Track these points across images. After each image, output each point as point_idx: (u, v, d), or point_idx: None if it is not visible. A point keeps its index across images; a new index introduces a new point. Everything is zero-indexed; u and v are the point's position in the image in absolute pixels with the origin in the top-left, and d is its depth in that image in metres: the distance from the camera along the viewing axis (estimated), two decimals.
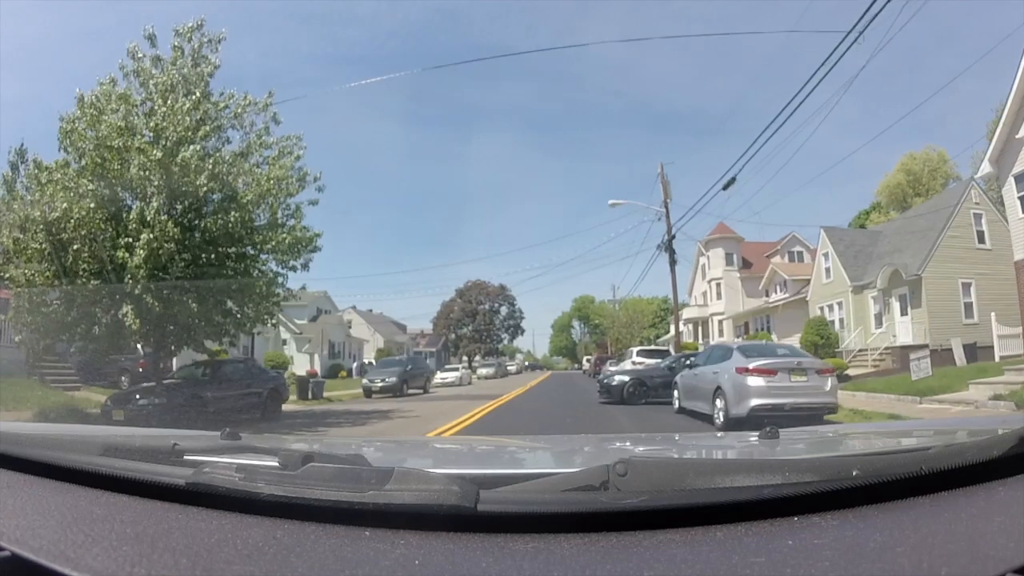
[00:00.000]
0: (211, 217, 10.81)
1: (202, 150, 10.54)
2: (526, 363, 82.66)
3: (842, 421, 8.71)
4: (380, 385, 22.44)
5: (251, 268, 12.01)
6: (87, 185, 9.94)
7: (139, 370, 15.90)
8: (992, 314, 17.86)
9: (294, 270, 12.53)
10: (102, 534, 0.79)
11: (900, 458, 0.97)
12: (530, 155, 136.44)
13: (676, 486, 0.81)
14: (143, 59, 11.05)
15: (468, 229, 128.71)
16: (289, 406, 15.56)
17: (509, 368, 57.87)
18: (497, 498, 0.80)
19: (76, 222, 9.77)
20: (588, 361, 51.29)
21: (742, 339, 35.91)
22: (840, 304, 25.85)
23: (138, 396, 10.94)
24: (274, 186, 11.25)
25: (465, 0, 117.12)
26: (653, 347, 30.97)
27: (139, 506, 0.91)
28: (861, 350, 22.72)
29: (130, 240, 9.99)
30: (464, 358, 66.23)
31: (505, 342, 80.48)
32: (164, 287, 10.18)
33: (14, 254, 10.35)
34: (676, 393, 11.86)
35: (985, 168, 16.41)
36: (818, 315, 25.97)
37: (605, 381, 15.13)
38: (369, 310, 61.52)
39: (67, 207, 9.68)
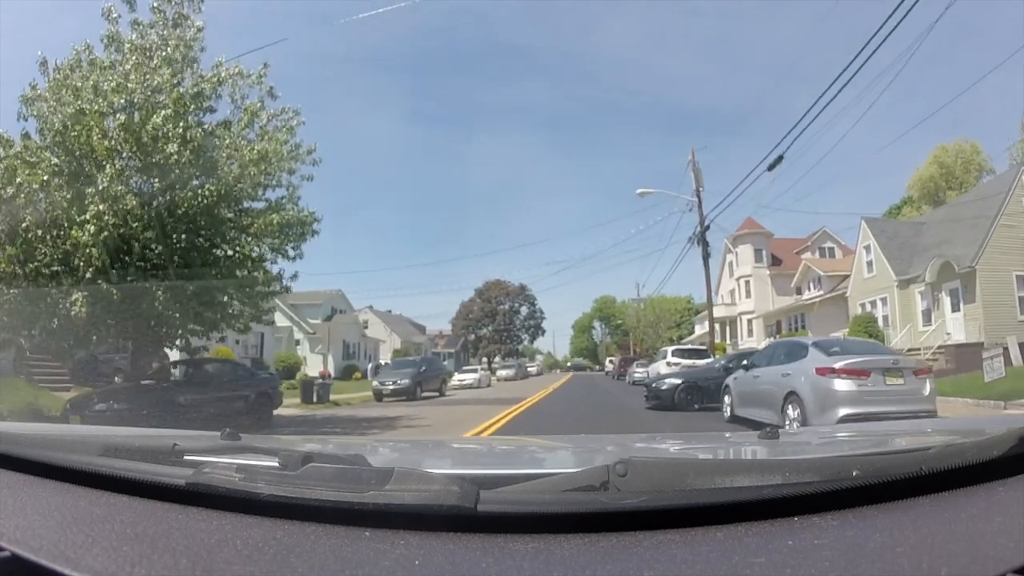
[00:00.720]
0: (183, 191, 9.45)
1: (175, 115, 9.21)
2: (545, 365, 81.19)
3: None
4: (392, 388, 20.87)
5: (236, 253, 10.72)
6: (51, 159, 8.91)
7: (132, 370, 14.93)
8: None
9: (286, 256, 11.12)
10: (102, 534, 0.79)
11: (900, 458, 0.97)
12: (549, 153, 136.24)
13: (676, 486, 0.81)
14: (118, 20, 9.78)
15: (487, 229, 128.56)
16: (289, 411, 14.85)
17: (530, 369, 56.07)
18: (497, 498, 0.80)
19: (28, 197, 8.63)
20: (611, 362, 49.42)
21: (774, 339, 34.01)
22: (884, 300, 24.25)
23: (96, 400, 9.85)
24: (261, 158, 9.98)
25: (481, 0, 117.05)
26: (690, 346, 28.18)
27: (139, 506, 0.91)
28: (911, 349, 20.20)
29: (86, 217, 8.77)
30: (484, 359, 64.86)
31: (525, 343, 79.12)
32: (126, 271, 8.99)
33: None
34: (728, 399, 10.32)
35: None
36: (864, 312, 24.53)
37: (654, 385, 13.61)
38: (389, 311, 60.50)
39: (23, 183, 8.54)
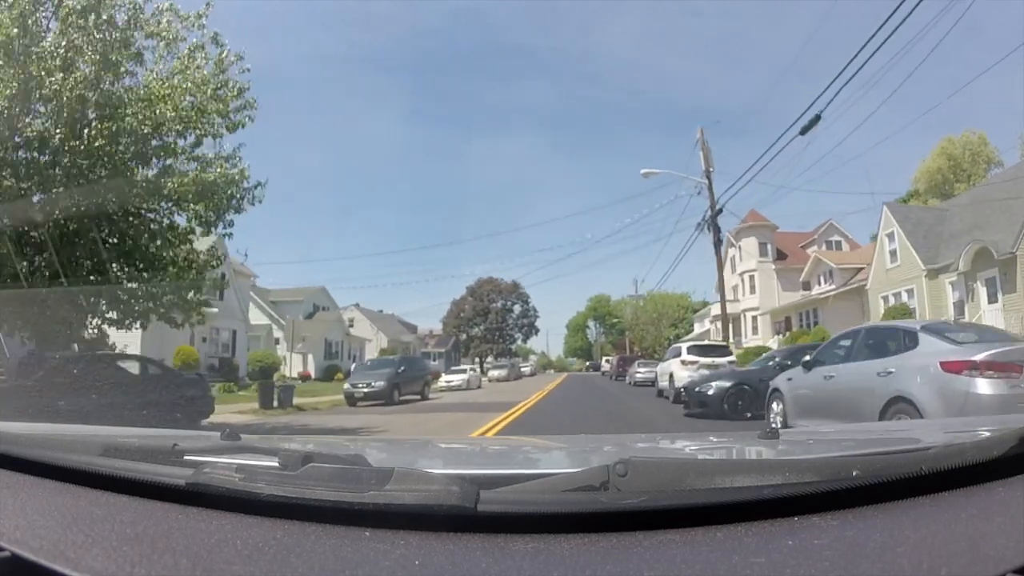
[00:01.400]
0: (65, 128, 7.59)
1: (67, 42, 7.56)
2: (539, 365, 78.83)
3: None
4: (365, 391, 18.33)
5: (149, 222, 8.71)
6: None
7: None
8: None
9: (207, 225, 9.02)
10: (102, 534, 0.79)
11: (900, 458, 0.97)
12: (549, 153, 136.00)
13: (676, 486, 0.81)
14: None
15: (485, 229, 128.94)
16: (239, 417, 13.16)
17: (523, 369, 54.13)
18: (497, 498, 0.80)
19: None
20: (608, 362, 47.17)
21: (781, 337, 31.46)
22: (911, 291, 22.82)
23: None
24: (175, 94, 8.12)
25: (482, 0, 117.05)
26: (709, 342, 23.60)
27: (139, 506, 0.91)
28: None
29: None
30: (476, 359, 63.49)
31: (519, 342, 77.03)
32: None
33: None
34: (777, 406, 8.16)
35: None
36: (896, 304, 22.92)
37: (697, 389, 11.43)
38: (381, 311, 59.18)
39: None
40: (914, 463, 0.87)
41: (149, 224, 8.88)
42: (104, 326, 9.19)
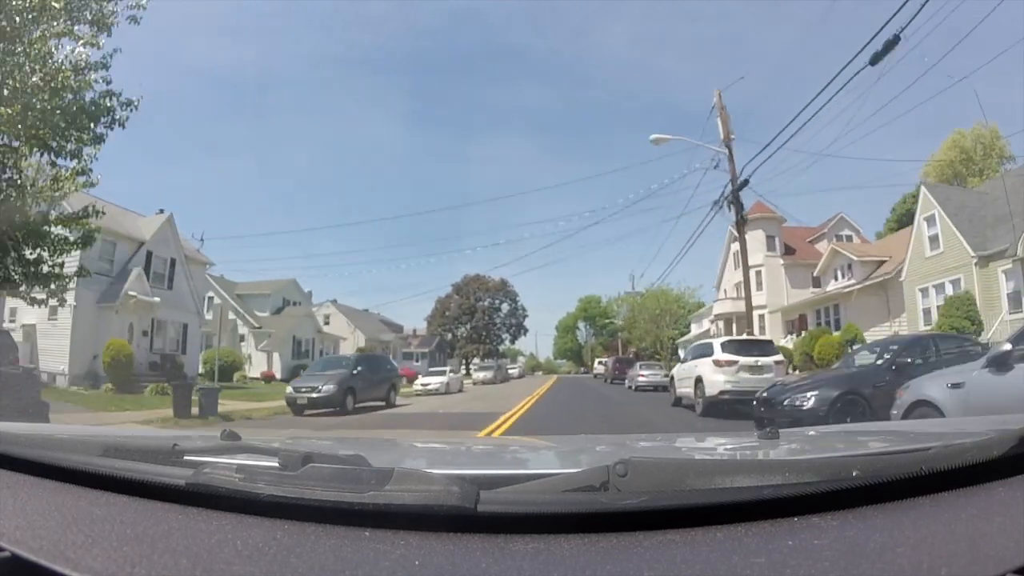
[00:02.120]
0: None
1: None
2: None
3: None
4: (310, 397, 14.88)
5: None
6: None
7: None
8: None
9: (48, 150, 7.19)
10: (102, 535, 0.79)
11: (900, 458, 0.97)
12: (543, 156, 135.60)
13: (676, 486, 0.81)
14: None
15: (471, 231, 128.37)
16: (133, 430, 9.80)
17: (511, 371, 51.17)
18: (497, 499, 0.80)
19: None
20: (602, 364, 44.36)
21: (793, 337, 29.97)
22: (956, 282, 20.38)
23: None
24: None
25: (477, 1, 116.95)
26: (747, 336, 17.78)
27: (139, 507, 0.91)
28: None
29: None
30: (462, 360, 61.27)
31: (506, 343, 73.54)
32: None
33: None
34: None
35: None
36: (957, 291, 20.18)
37: (787, 401, 8.38)
38: (366, 310, 57.18)
39: None
40: (914, 463, 0.87)
41: None
42: None
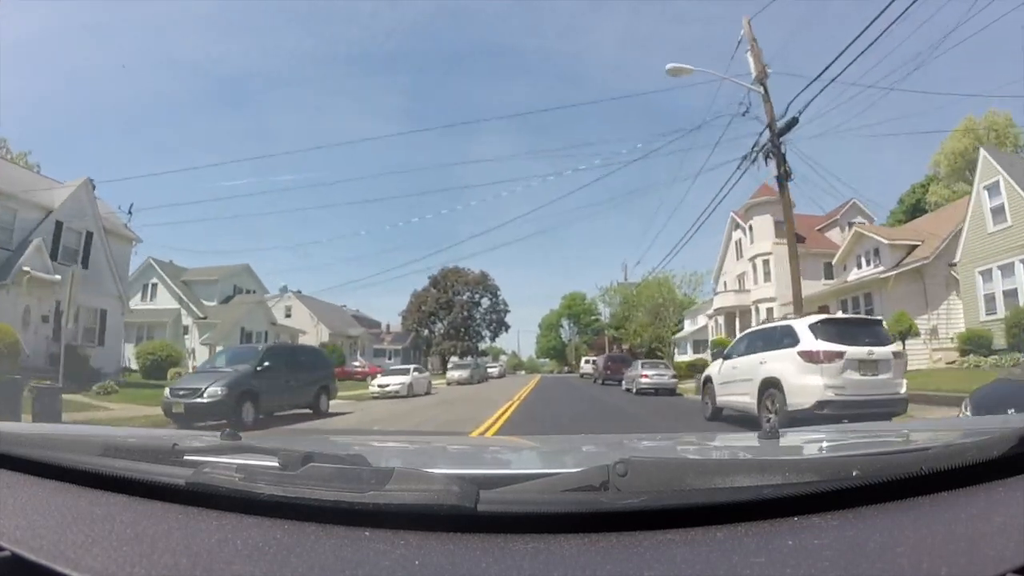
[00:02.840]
0: None
1: None
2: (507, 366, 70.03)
3: None
4: (189, 403, 10.60)
5: None
6: None
7: None
8: None
9: None
10: (102, 534, 0.79)
11: (900, 458, 0.97)
12: (523, 152, 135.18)
13: (676, 486, 0.81)
14: None
15: (458, 227, 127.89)
16: None
17: (490, 371, 46.31)
18: (497, 498, 0.80)
19: None
20: (590, 363, 40.90)
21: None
22: None
23: None
24: None
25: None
26: (845, 314, 14.63)
27: (139, 506, 0.91)
28: None
29: None
30: (441, 358, 56.73)
31: (487, 340, 68.01)
32: None
33: None
34: None
35: None
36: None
37: None
38: (346, 307, 52.76)
39: None
40: (914, 463, 0.87)
41: None
42: None
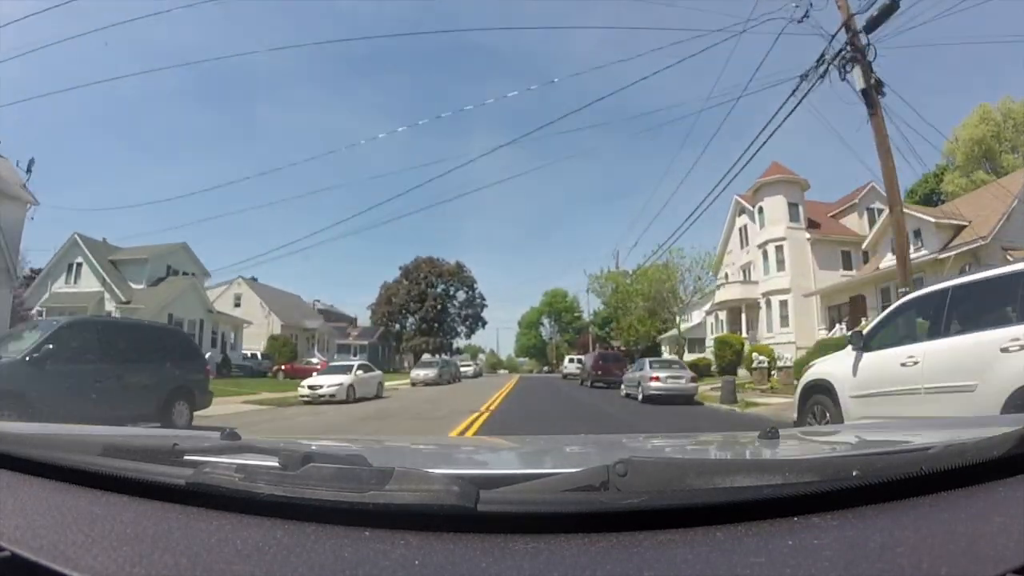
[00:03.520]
0: None
1: None
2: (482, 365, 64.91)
3: None
4: None
5: None
6: None
7: None
8: None
9: None
10: (102, 534, 0.79)
11: (900, 458, 0.97)
12: (512, 154, 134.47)
13: (676, 486, 0.81)
14: None
15: (458, 231, 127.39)
16: None
17: (465, 370, 41.58)
18: (497, 498, 0.80)
19: None
20: (575, 361, 36.60)
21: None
22: None
23: None
24: None
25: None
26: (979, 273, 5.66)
27: (139, 506, 0.91)
28: None
29: None
30: (412, 355, 51.59)
31: (462, 337, 63.41)
32: None
33: None
34: None
35: None
36: None
37: None
38: (318, 301, 48.43)
39: None
40: (914, 463, 0.87)
41: None
42: None
